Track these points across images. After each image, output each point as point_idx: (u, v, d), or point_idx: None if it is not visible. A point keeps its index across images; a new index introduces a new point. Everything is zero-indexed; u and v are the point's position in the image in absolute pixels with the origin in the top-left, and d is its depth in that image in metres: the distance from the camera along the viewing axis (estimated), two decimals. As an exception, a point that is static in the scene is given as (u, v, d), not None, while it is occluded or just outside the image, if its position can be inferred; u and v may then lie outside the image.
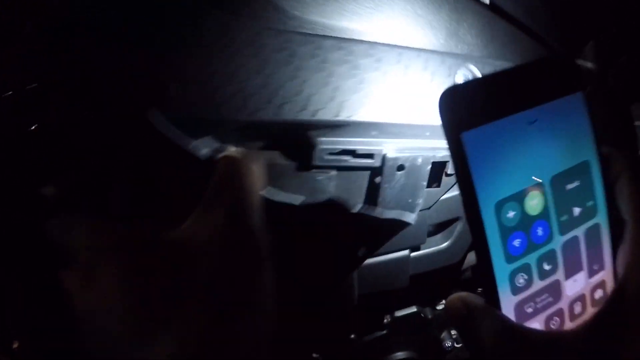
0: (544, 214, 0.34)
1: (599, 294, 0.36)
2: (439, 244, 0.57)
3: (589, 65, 0.59)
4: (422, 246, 0.56)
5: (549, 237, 0.34)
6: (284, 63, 0.47)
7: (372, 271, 0.54)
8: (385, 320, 0.61)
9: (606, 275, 0.36)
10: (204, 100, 0.47)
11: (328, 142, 0.48)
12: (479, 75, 0.53)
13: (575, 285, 0.36)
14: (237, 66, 0.47)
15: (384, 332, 0.62)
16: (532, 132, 0.33)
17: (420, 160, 0.49)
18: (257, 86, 0.47)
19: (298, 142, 0.49)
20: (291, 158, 0.48)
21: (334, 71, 0.48)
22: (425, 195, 0.52)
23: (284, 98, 0.47)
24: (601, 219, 0.36)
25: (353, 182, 0.50)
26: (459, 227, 0.56)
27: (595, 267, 0.36)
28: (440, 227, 0.58)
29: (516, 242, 0.33)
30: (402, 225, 0.49)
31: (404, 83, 0.50)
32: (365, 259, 0.51)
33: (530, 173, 0.33)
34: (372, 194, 0.51)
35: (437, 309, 0.65)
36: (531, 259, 0.34)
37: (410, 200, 0.51)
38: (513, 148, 0.32)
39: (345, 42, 0.49)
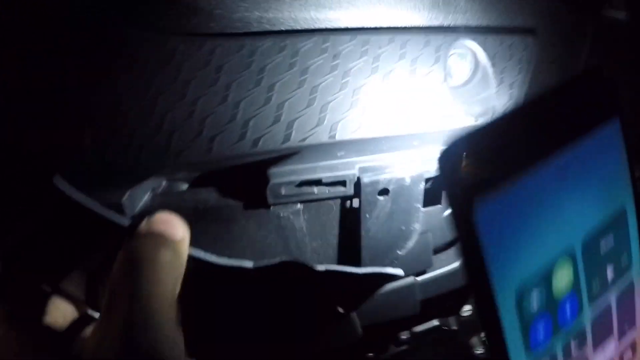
0: (574, 288, 0.26)
1: (628, 356, 0.31)
2: (451, 263, 0.44)
3: (620, 15, 0.42)
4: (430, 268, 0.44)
5: (578, 313, 0.26)
6: (210, 82, 0.35)
7: (373, 302, 0.43)
8: (403, 337, 0.50)
9: (637, 334, 0.30)
10: (121, 147, 0.36)
11: (282, 174, 0.36)
12: (481, 52, 0.39)
13: (603, 356, 0.29)
14: (153, 95, 0.35)
15: (404, 347, 0.52)
16: (562, 183, 0.24)
17: (408, 179, 0.37)
18: (180, 117, 0.35)
19: (244, 178, 0.37)
20: (242, 197, 0.37)
21: (276, 81, 0.36)
22: (423, 217, 0.39)
23: (214, 128, 0.35)
24: (635, 273, 0.29)
25: (327, 213, 0.38)
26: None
27: (626, 327, 0.30)
28: (450, 244, 0.45)
29: (540, 329, 0.25)
30: (387, 279, 0.37)
31: (374, 82, 0.37)
32: (348, 314, 0.40)
33: (559, 239, 0.25)
34: (353, 226, 0.39)
35: (462, 316, 0.53)
36: (557, 344, 0.26)
37: (403, 228, 0.39)
38: (537, 209, 0.24)
39: (289, 37, 0.36)
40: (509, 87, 0.41)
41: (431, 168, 0.38)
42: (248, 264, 0.36)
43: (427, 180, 0.39)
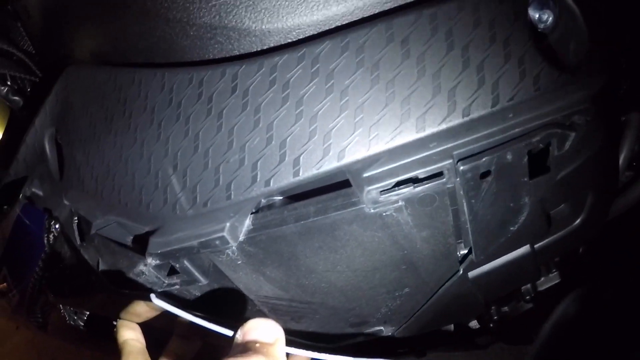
0: None
1: None
2: (568, 224, 0.37)
3: None
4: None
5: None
6: (279, 102, 0.30)
7: (492, 277, 0.38)
8: (528, 297, 0.44)
9: None
10: (210, 186, 0.32)
11: (376, 179, 0.31)
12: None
13: None
14: (229, 129, 0.31)
15: (530, 305, 0.46)
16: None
17: (509, 155, 0.30)
18: (260, 145, 0.31)
19: (339, 186, 0.32)
20: (340, 206, 0.32)
21: (348, 85, 0.30)
22: (533, 187, 0.32)
23: (296, 150, 0.31)
24: None
25: (431, 204, 0.32)
26: (589, 199, 0.36)
27: None
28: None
29: None
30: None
31: (452, 59, 0.30)
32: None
33: None
34: (460, 212, 0.33)
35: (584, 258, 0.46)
36: None
37: (512, 205, 0.33)
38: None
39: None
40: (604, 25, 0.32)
41: (532, 139, 0.31)
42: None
43: (529, 152, 0.31)
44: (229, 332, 0.34)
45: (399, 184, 0.32)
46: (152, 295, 0.35)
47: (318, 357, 0.33)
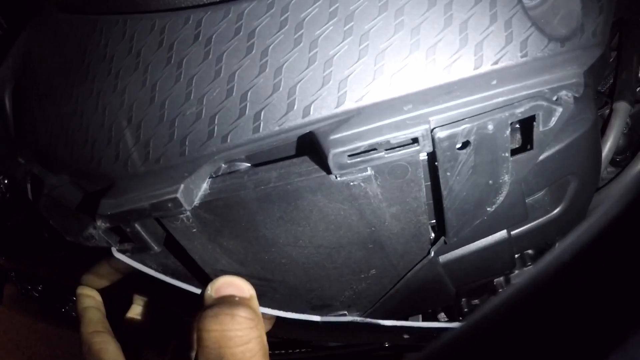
0: None
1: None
2: (548, 212, 0.33)
3: None
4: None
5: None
6: (242, 52, 0.25)
7: (465, 264, 0.33)
8: (500, 290, 0.40)
9: None
10: (164, 140, 0.27)
11: (343, 141, 0.26)
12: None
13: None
14: (187, 79, 0.26)
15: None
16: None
17: (491, 125, 0.26)
18: (219, 98, 0.26)
19: (304, 150, 0.28)
20: (304, 172, 0.28)
21: (318, 36, 0.25)
22: (513, 166, 0.28)
23: (258, 103, 0.26)
24: None
25: (403, 176, 0.28)
26: (571, 186, 0.32)
27: None
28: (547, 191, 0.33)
29: None
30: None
31: (434, 17, 0.26)
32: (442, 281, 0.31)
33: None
34: (433, 186, 0.28)
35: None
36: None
37: (490, 182, 0.29)
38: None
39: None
40: (598, -3, 0.28)
41: (516, 110, 0.26)
42: (316, 318, 0.31)
43: (512, 124, 0.27)
44: (197, 290, 0.30)
45: (369, 149, 0.27)
46: (113, 249, 0.31)
47: (285, 316, 0.29)
